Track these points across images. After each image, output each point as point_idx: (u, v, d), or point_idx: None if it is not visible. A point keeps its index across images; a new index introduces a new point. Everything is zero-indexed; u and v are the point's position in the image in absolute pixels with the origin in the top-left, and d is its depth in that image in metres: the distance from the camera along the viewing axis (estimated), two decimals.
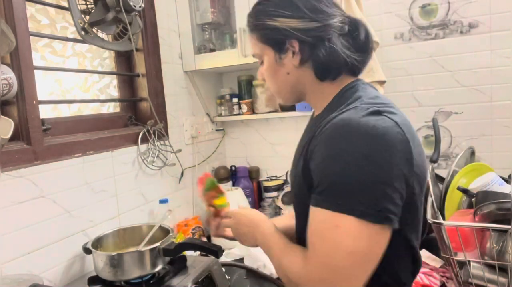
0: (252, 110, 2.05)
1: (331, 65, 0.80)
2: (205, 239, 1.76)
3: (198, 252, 1.47)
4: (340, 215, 0.65)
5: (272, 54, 0.84)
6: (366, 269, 0.67)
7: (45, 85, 1.37)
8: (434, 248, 1.39)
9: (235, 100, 2.07)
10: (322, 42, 0.79)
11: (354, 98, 0.77)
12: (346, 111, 0.72)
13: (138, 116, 1.70)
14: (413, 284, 1.28)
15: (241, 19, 1.76)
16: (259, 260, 1.46)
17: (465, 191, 1.29)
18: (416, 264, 0.81)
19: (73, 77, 1.49)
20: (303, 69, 0.83)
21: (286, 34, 0.80)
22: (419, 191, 0.72)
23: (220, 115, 2.13)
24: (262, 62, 0.89)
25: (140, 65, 1.66)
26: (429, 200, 1.25)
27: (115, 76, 1.66)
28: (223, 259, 1.58)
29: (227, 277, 1.32)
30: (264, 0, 0.84)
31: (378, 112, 0.69)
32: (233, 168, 2.15)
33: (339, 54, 0.79)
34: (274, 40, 0.82)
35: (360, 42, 0.81)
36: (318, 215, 0.69)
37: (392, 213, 0.65)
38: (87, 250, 1.20)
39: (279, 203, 1.96)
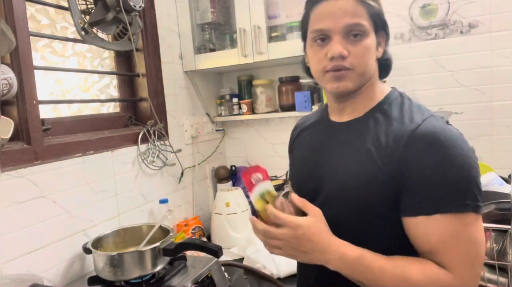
0: (252, 110, 2.05)
1: (389, 67, 0.90)
2: (205, 239, 1.77)
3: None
4: (465, 214, 0.71)
5: (373, 36, 0.82)
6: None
7: (45, 85, 1.37)
8: None
9: (235, 100, 2.08)
10: (388, 44, 0.86)
11: (417, 106, 0.82)
12: (426, 119, 0.77)
13: (138, 116, 1.70)
14: None
15: (241, 19, 1.77)
16: (258, 261, 1.46)
17: None
18: None
19: (73, 77, 1.49)
20: (376, 64, 0.85)
21: (385, 26, 0.84)
22: None
23: (220, 115, 2.13)
24: (357, 41, 0.79)
25: (140, 65, 1.66)
26: None
27: (115, 76, 1.66)
28: (223, 258, 1.58)
29: (227, 277, 1.32)
30: None
31: (447, 122, 0.79)
32: (233, 168, 2.15)
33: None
34: (378, 24, 0.82)
35: None
36: (440, 220, 0.72)
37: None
38: (87, 250, 1.20)
39: None
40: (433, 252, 0.73)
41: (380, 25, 0.82)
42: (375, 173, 0.77)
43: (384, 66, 0.88)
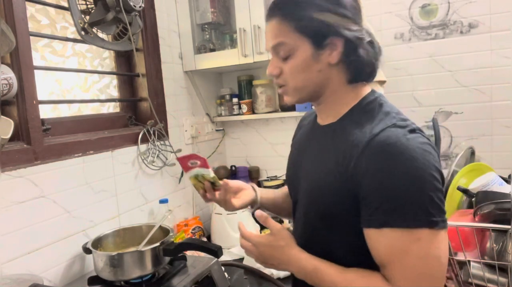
0: (252, 110, 2.05)
1: (365, 68, 0.82)
2: (205, 239, 1.76)
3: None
4: (416, 230, 0.69)
5: (309, 47, 0.79)
6: (445, 271, 0.73)
7: (45, 85, 1.37)
8: None
9: (235, 100, 2.08)
10: (361, 44, 0.80)
11: (384, 113, 0.79)
12: (386, 129, 0.74)
13: (138, 116, 1.70)
14: None
15: (241, 19, 1.77)
16: None
17: (465, 191, 1.28)
18: None
19: (73, 77, 1.49)
20: (335, 69, 0.81)
21: (332, 30, 0.78)
22: None
23: (220, 115, 2.13)
24: (286, 58, 0.82)
25: (140, 65, 1.66)
26: None
27: (115, 76, 1.66)
28: (223, 258, 1.58)
29: (227, 277, 1.32)
30: None
31: (414, 131, 0.74)
32: (233, 168, 2.15)
33: (371, 59, 0.82)
34: (316, 33, 0.78)
35: (376, 50, 0.84)
36: (389, 234, 0.70)
37: (445, 218, 0.72)
38: (87, 250, 1.20)
39: None
40: (382, 265, 0.73)
41: (325, 34, 0.78)
42: (332, 182, 0.77)
43: (354, 67, 0.82)
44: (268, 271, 1.42)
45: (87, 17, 1.38)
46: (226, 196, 1.04)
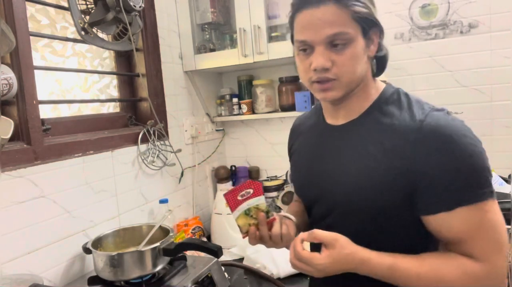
0: (252, 110, 2.05)
1: (385, 62, 0.85)
2: (205, 239, 1.76)
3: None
4: (484, 202, 0.72)
5: (361, 38, 0.78)
6: None
7: (45, 85, 1.37)
8: None
9: (235, 100, 2.08)
10: (383, 38, 0.83)
11: (416, 101, 0.81)
12: (429, 113, 0.76)
13: (138, 116, 1.70)
14: None
15: (241, 19, 1.77)
16: (258, 261, 1.46)
17: None
18: None
19: (73, 77, 1.49)
20: (368, 63, 0.82)
21: (374, 22, 0.79)
22: None
23: (220, 115, 2.13)
24: (340, 48, 0.76)
25: (140, 65, 1.66)
26: None
27: (115, 76, 1.66)
28: (223, 258, 1.58)
29: (227, 277, 1.32)
30: None
31: (448, 113, 0.78)
32: (233, 168, 2.15)
33: (387, 52, 0.85)
34: (367, 24, 0.78)
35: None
36: (462, 213, 0.72)
37: None
38: (87, 250, 1.20)
39: (279, 203, 1.96)
40: (459, 243, 0.73)
41: (370, 26, 0.79)
42: (383, 176, 0.75)
43: (380, 63, 0.85)
44: (268, 271, 1.42)
45: (87, 17, 1.38)
46: (283, 228, 0.87)
